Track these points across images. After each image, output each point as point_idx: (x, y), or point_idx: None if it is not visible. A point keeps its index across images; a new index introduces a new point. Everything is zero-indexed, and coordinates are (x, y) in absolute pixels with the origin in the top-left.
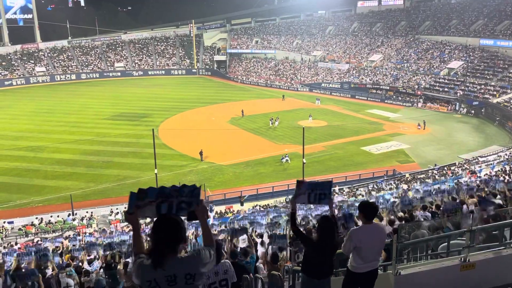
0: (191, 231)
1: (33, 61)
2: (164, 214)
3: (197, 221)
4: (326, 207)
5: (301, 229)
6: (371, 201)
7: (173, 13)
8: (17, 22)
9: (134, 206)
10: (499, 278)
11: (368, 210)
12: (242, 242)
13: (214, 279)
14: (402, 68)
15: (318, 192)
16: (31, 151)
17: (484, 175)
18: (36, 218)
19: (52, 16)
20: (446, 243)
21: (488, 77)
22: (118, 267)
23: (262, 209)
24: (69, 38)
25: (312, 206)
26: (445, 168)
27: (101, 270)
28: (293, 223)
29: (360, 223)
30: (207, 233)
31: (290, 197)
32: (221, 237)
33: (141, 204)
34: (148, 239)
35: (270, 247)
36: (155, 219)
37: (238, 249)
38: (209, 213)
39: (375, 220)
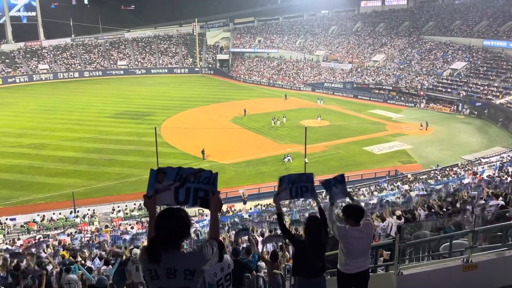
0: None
1: (36, 59)
2: (168, 209)
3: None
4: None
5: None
6: (355, 203)
7: (176, 12)
8: (21, 19)
9: (153, 189)
10: (501, 279)
11: (353, 214)
12: (244, 241)
13: (221, 275)
14: (405, 69)
15: (300, 185)
16: (34, 149)
17: (487, 176)
18: (38, 215)
19: (55, 13)
20: (448, 243)
21: (491, 78)
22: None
23: (263, 208)
24: (72, 36)
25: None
26: (448, 169)
27: (103, 267)
28: (280, 223)
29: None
30: (215, 225)
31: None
32: (220, 236)
33: (160, 189)
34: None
35: (268, 245)
36: (158, 213)
37: (240, 247)
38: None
39: (374, 218)
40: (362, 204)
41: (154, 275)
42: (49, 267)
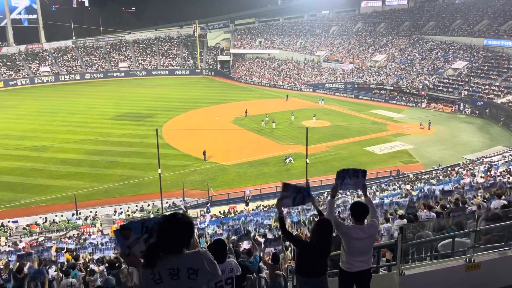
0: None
1: (37, 61)
2: (174, 214)
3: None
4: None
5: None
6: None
7: (177, 14)
8: (22, 22)
9: (126, 247)
10: (504, 279)
11: (356, 211)
12: (246, 243)
13: (220, 277)
14: (406, 68)
15: (301, 195)
16: (36, 151)
17: (488, 176)
18: (40, 217)
19: (56, 16)
20: (446, 240)
21: (492, 77)
22: (123, 266)
23: (265, 209)
24: (74, 38)
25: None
26: (449, 168)
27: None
28: (282, 227)
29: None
30: None
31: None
32: (223, 237)
33: (131, 244)
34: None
35: (269, 249)
36: (164, 217)
37: (240, 250)
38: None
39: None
40: None
41: (158, 278)
42: (51, 270)
